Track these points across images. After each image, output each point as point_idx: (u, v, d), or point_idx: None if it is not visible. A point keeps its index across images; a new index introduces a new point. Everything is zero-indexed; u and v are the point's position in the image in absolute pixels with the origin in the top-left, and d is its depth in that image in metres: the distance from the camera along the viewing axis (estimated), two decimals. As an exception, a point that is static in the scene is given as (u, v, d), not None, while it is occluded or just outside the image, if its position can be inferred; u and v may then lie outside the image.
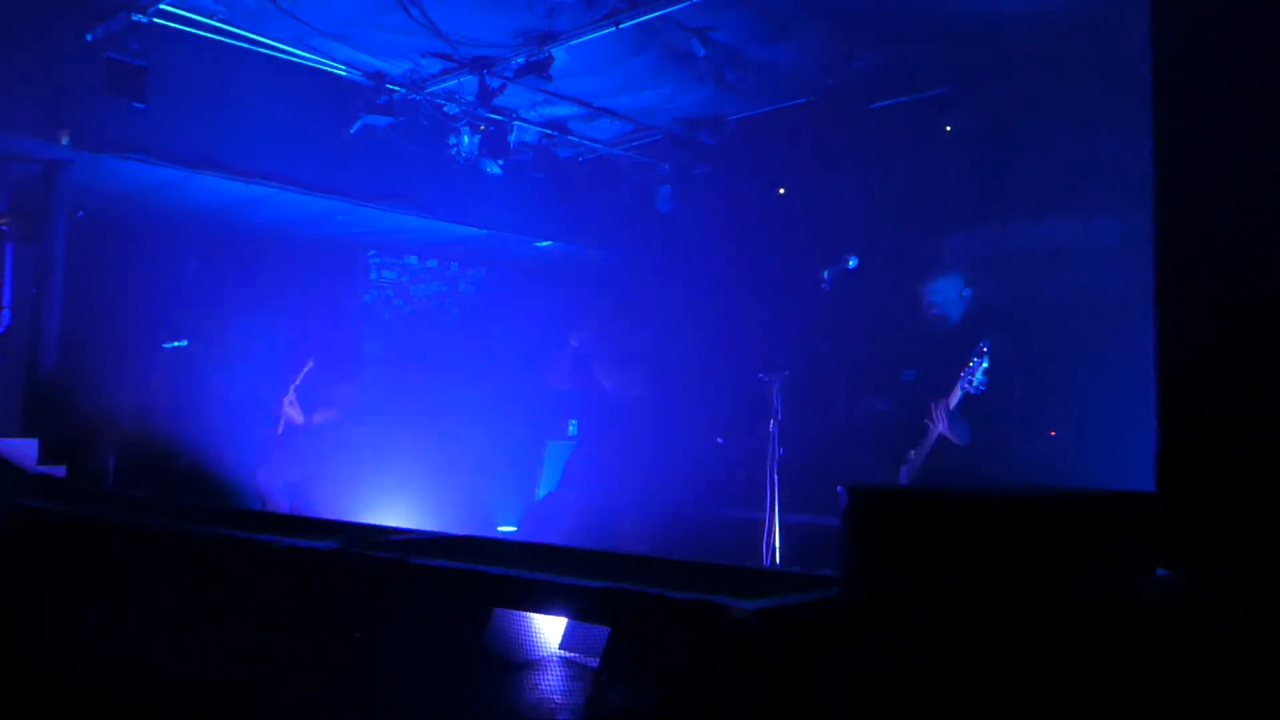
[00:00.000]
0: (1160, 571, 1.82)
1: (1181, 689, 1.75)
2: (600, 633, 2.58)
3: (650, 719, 2.27)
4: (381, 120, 6.53)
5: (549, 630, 4.10)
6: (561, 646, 4.14)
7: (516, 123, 7.17)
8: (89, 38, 5.55)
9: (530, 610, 3.29)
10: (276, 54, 6.16)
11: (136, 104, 5.67)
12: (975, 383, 4.32)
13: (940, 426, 4.46)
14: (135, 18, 5.39)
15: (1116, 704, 1.78)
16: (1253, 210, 1.71)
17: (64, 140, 5.63)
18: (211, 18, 5.78)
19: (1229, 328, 1.68)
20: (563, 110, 7.21)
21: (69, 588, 3.68)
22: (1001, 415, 4.35)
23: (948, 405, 4.43)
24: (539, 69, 6.10)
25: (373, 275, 8.56)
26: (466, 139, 6.89)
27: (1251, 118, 1.77)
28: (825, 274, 4.60)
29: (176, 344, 6.82)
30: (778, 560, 4.48)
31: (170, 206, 6.85)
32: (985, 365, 4.30)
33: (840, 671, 1.94)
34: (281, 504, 6.14)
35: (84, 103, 5.65)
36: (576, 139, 7.67)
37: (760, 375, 4.52)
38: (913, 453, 4.74)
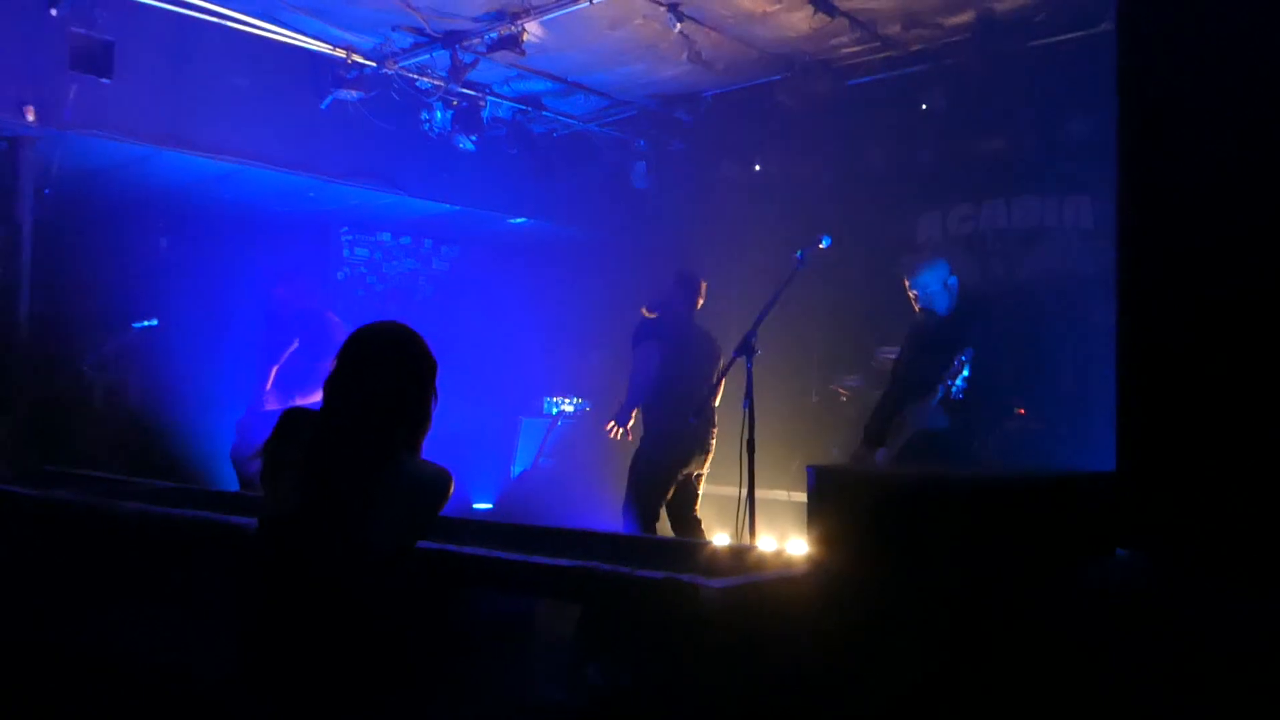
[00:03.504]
0: (1119, 551, 1.85)
1: (1139, 667, 1.78)
2: (572, 611, 2.59)
3: (621, 696, 2.28)
4: (352, 95, 6.47)
5: (520, 609, 4.11)
6: (533, 624, 4.15)
7: (490, 98, 7.11)
8: (53, 12, 5.45)
9: (503, 590, 3.30)
10: (244, 28, 6.07)
11: (102, 79, 5.59)
12: (955, 388, 4.28)
13: (920, 422, 4.45)
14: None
15: (1076, 681, 1.81)
16: (1216, 190, 1.72)
17: (29, 117, 5.54)
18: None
19: (1189, 308, 1.69)
20: (537, 86, 7.16)
21: (41, 572, 3.66)
22: (978, 400, 4.36)
23: (929, 402, 4.41)
24: (512, 44, 6.05)
25: (345, 252, 8.50)
26: (439, 114, 6.83)
27: (1215, 101, 1.78)
28: (799, 253, 4.59)
29: (147, 323, 6.74)
30: (751, 537, 4.51)
31: (138, 183, 6.77)
32: (966, 374, 4.26)
33: (806, 647, 1.96)
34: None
35: (49, 78, 5.56)
36: (550, 115, 7.62)
37: (734, 354, 4.51)
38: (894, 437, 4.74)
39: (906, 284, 4.77)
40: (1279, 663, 1.71)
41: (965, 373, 4.25)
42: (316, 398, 6.38)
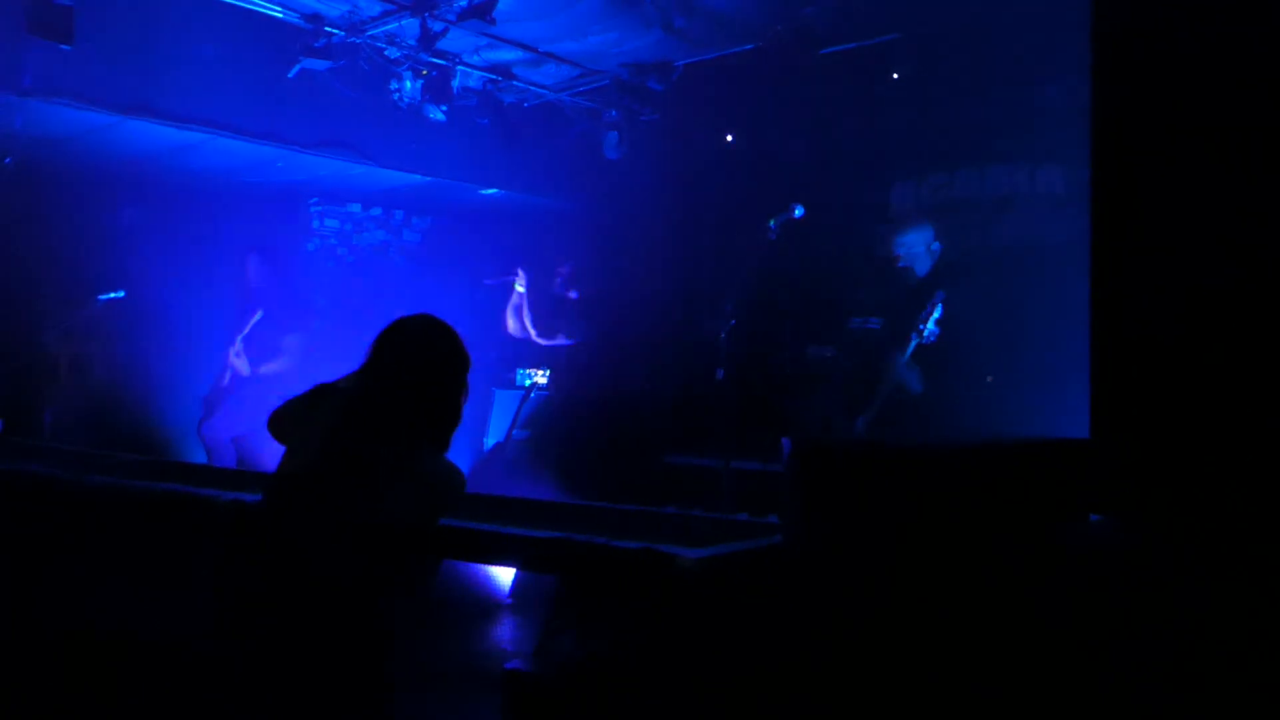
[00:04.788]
0: (1093, 517, 1.86)
1: (1110, 629, 1.80)
2: (549, 581, 2.60)
3: (598, 664, 2.29)
4: (320, 64, 6.35)
5: (499, 579, 4.12)
6: (511, 595, 4.16)
7: (460, 67, 7.02)
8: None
9: (480, 561, 3.30)
10: (210, -7, 5.96)
11: (63, 45, 5.46)
12: (927, 332, 4.38)
13: (897, 375, 4.53)
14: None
15: (1048, 644, 1.83)
16: (1190, 161, 1.73)
17: (-14, 83, 5.42)
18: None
19: (1161, 281, 1.71)
20: (507, 55, 7.07)
21: (6, 544, 3.62)
22: (954, 364, 4.42)
23: (902, 356, 4.49)
24: (482, 12, 5.97)
25: (315, 224, 8.40)
26: (408, 84, 6.74)
27: (1185, 73, 1.78)
28: (771, 223, 4.60)
29: (112, 295, 6.64)
30: (727, 508, 4.53)
31: (102, 153, 6.64)
32: (938, 315, 4.36)
33: (781, 617, 1.98)
34: (227, 457, 6.06)
35: (7, 44, 5.42)
36: (521, 84, 7.54)
37: (707, 324, 4.53)
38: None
39: (891, 243, 4.85)
40: (1242, 623, 1.73)
41: (937, 314, 4.34)
42: (275, 368, 6.36)
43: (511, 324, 6.43)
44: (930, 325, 4.38)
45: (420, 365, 2.50)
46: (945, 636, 1.79)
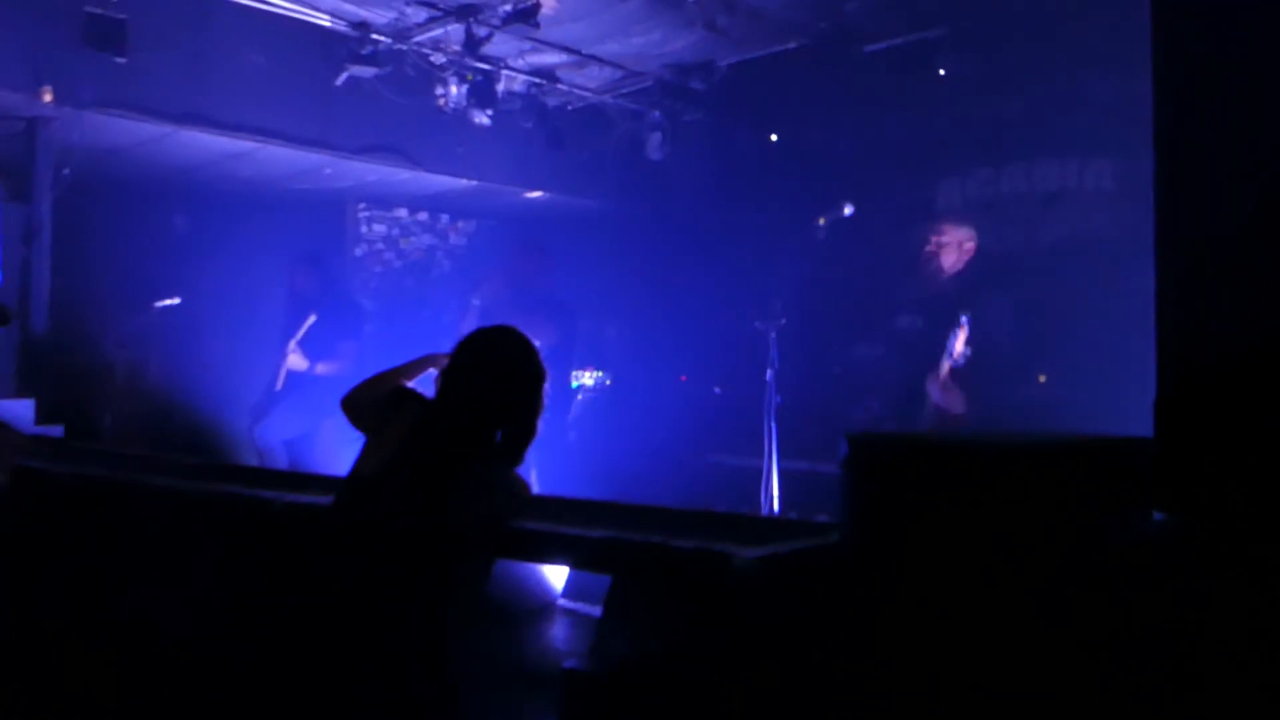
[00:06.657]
0: (1157, 516, 1.84)
1: (1173, 631, 1.78)
2: (603, 582, 2.61)
3: (653, 666, 2.30)
4: (367, 71, 6.43)
5: (553, 580, 4.14)
6: (565, 596, 4.19)
7: (504, 72, 7.07)
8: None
9: (534, 560, 3.32)
10: (259, 4, 6.05)
11: (117, 58, 5.58)
12: (957, 354, 4.32)
13: (935, 399, 4.46)
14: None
15: (1110, 646, 1.81)
16: (1256, 156, 1.69)
17: (46, 97, 5.53)
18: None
19: (1229, 274, 1.68)
20: (551, 58, 7.11)
21: (68, 548, 3.70)
22: (1005, 362, 4.36)
23: (939, 379, 4.42)
24: (526, 16, 6.01)
25: (363, 229, 8.50)
26: (454, 89, 6.80)
27: (1254, 58, 1.75)
28: (821, 221, 4.58)
29: (169, 302, 6.77)
30: (775, 507, 4.52)
31: (156, 162, 6.77)
32: (966, 338, 4.30)
33: (840, 618, 1.97)
34: (280, 460, 6.14)
35: (65, 58, 5.55)
36: (565, 87, 7.57)
37: (756, 323, 4.52)
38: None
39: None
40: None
41: (964, 337, 4.26)
42: (329, 370, 6.43)
43: None
44: (961, 348, 4.30)
45: (496, 382, 2.53)
46: (1008, 635, 1.77)
